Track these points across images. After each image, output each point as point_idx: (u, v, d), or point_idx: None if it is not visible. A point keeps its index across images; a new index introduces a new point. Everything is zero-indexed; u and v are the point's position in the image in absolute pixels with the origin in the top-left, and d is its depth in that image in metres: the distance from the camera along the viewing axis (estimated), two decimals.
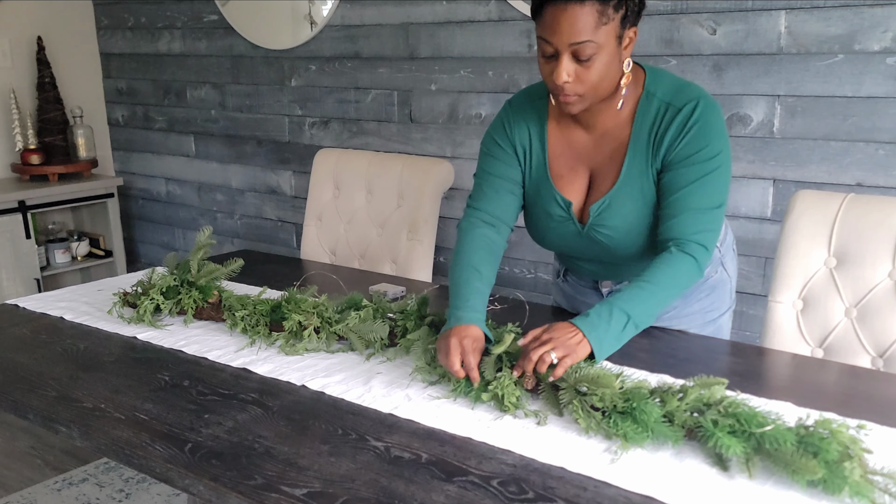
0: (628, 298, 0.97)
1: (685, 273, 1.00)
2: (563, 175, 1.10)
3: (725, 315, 1.24)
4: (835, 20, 1.55)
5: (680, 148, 1.01)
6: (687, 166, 1.01)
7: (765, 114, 1.66)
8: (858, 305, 1.16)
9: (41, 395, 0.98)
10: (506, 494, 0.74)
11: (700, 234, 1.01)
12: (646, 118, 1.04)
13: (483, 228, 1.11)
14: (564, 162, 1.10)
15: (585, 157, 1.09)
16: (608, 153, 1.07)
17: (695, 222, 1.01)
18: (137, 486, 1.91)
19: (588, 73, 0.96)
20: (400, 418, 0.90)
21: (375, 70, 2.26)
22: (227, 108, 2.67)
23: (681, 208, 1.01)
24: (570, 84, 0.97)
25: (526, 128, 1.11)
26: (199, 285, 1.24)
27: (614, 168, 1.06)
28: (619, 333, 0.95)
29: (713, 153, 1.01)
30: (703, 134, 1.00)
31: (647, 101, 1.04)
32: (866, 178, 1.57)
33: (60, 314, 1.29)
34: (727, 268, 1.22)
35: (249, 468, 0.79)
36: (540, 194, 1.12)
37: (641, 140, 1.04)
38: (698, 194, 1.01)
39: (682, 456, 0.81)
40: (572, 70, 0.96)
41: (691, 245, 1.00)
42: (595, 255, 1.14)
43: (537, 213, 1.13)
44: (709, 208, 1.01)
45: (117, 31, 2.92)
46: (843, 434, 0.75)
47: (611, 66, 0.97)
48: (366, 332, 1.08)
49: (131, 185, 3.08)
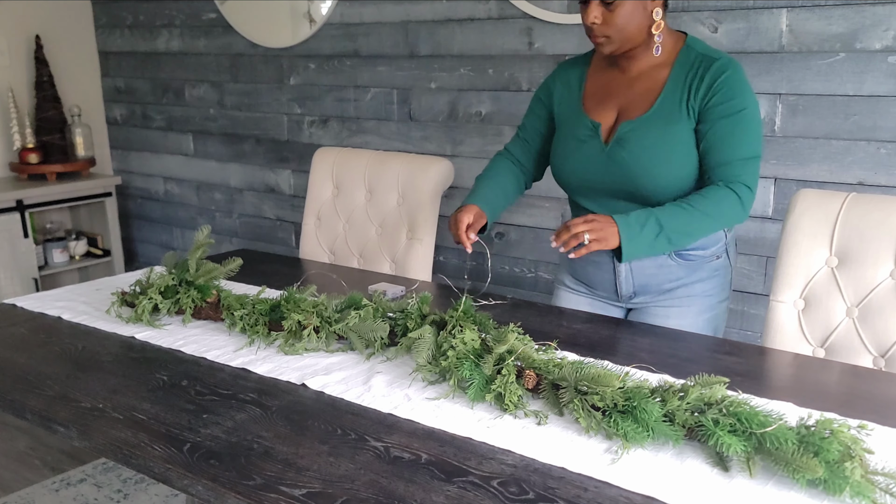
0: (667, 212, 1.10)
1: (728, 205, 1.12)
2: (594, 108, 1.25)
3: (724, 304, 1.30)
4: (836, 18, 1.55)
5: (712, 99, 1.13)
6: (722, 118, 1.13)
7: (766, 112, 1.66)
8: (860, 305, 1.16)
9: (39, 395, 0.98)
10: (506, 495, 0.74)
11: (744, 176, 1.13)
12: (684, 65, 1.17)
13: (507, 161, 1.36)
14: (597, 98, 1.25)
15: (617, 93, 1.23)
16: (641, 91, 1.21)
17: (737, 167, 1.13)
18: (136, 487, 1.90)
19: (613, 17, 1.13)
20: (400, 418, 0.90)
21: (375, 68, 2.25)
22: (225, 107, 2.66)
23: (722, 157, 1.13)
24: (598, 26, 1.14)
25: (566, 77, 1.30)
26: (197, 285, 1.23)
27: (647, 101, 1.19)
28: (652, 241, 1.08)
29: (741, 107, 1.13)
30: (732, 89, 1.13)
31: (687, 52, 1.18)
32: (868, 177, 1.57)
33: (58, 314, 1.28)
34: (730, 257, 1.29)
35: (248, 468, 0.79)
36: (570, 122, 1.27)
37: (679, 82, 1.17)
38: (737, 145, 1.13)
39: (683, 456, 0.81)
40: (599, 13, 1.13)
41: (737, 184, 1.12)
42: (611, 184, 1.22)
43: (565, 138, 1.27)
44: (750, 157, 1.14)
45: (115, 30, 2.91)
46: (844, 434, 0.75)
47: (635, 12, 1.13)
48: (365, 332, 1.08)
49: (129, 184, 3.07)
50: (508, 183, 1.33)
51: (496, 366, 0.93)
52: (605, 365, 0.94)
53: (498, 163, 1.37)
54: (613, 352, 1.08)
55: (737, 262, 1.35)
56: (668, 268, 1.23)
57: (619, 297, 1.29)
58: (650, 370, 0.99)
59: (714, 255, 1.25)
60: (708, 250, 1.24)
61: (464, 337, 0.97)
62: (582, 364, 0.91)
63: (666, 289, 1.25)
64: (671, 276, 1.24)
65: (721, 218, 1.12)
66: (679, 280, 1.24)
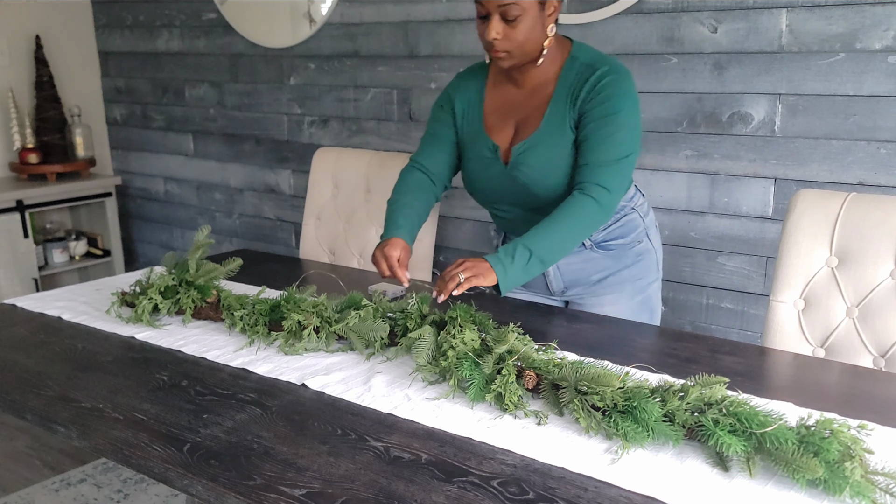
0: (532, 236, 1.13)
1: (586, 212, 1.15)
2: (494, 126, 1.28)
3: (654, 285, 1.36)
4: (836, 18, 1.55)
5: (590, 102, 1.17)
6: (594, 120, 1.17)
7: (766, 112, 1.66)
8: (860, 305, 1.16)
9: (39, 396, 0.98)
10: (506, 495, 0.74)
11: (602, 178, 1.15)
12: (568, 76, 1.21)
13: (417, 173, 1.33)
14: (497, 115, 1.28)
15: (515, 110, 1.26)
16: (534, 106, 1.24)
17: (597, 170, 1.16)
18: (136, 487, 1.90)
19: (514, 33, 1.14)
20: (400, 418, 0.90)
21: (375, 68, 2.25)
22: (225, 107, 2.66)
23: (585, 159, 1.18)
24: (499, 41, 1.15)
25: (466, 92, 1.31)
26: (197, 285, 1.23)
27: (538, 118, 1.23)
28: (525, 266, 1.11)
29: (614, 110, 1.16)
30: (610, 93, 1.16)
31: (571, 63, 1.22)
32: (868, 177, 1.57)
33: (58, 314, 1.28)
34: (651, 240, 1.35)
35: (248, 468, 0.79)
36: (474, 143, 1.29)
37: (563, 94, 1.21)
38: (601, 147, 1.16)
39: (683, 456, 0.81)
40: (501, 29, 1.14)
41: (592, 187, 1.15)
42: (518, 196, 1.27)
43: (471, 159, 1.31)
44: (610, 161, 1.16)
45: (115, 30, 2.91)
46: (844, 434, 0.74)
47: (534, 28, 1.15)
48: (366, 332, 1.08)
49: (129, 185, 3.07)
50: (422, 205, 1.30)
51: (496, 366, 0.93)
52: (604, 365, 0.94)
53: (409, 182, 1.32)
54: (613, 352, 1.08)
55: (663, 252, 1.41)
56: (593, 260, 1.30)
57: (552, 294, 1.36)
58: (650, 370, 0.99)
59: (635, 240, 1.31)
60: (627, 238, 1.30)
61: (464, 337, 0.97)
62: (582, 364, 0.91)
63: (595, 280, 1.31)
64: (598, 268, 1.30)
65: (584, 226, 1.16)
66: (606, 269, 1.30)
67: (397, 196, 1.31)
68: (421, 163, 1.34)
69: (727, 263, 1.77)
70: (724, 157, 1.72)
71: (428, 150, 1.34)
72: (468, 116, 1.30)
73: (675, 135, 1.78)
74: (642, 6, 1.76)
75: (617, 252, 1.29)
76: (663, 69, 1.76)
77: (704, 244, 1.79)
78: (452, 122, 1.32)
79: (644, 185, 1.85)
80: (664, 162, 1.81)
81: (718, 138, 1.72)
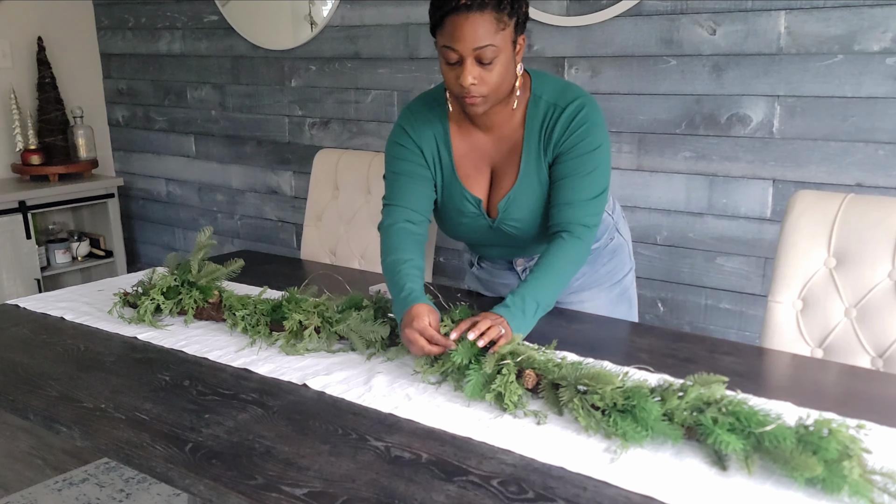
0: (536, 287, 1.09)
1: (577, 254, 1.14)
2: (470, 174, 1.20)
3: (628, 276, 1.36)
4: (834, 20, 1.55)
5: (566, 142, 1.13)
6: (573, 159, 1.13)
7: (764, 114, 1.66)
8: (858, 305, 1.16)
9: (42, 396, 0.98)
10: (506, 494, 0.74)
11: (586, 218, 1.14)
12: (535, 119, 1.14)
13: (403, 223, 1.18)
14: (470, 162, 1.19)
15: (487, 156, 1.19)
16: (506, 152, 1.18)
17: (582, 210, 1.14)
18: (138, 486, 1.91)
19: (490, 75, 1.05)
20: (400, 418, 0.90)
21: (375, 70, 2.26)
22: (227, 109, 2.67)
23: (568, 198, 1.14)
24: (475, 86, 1.05)
25: (430, 133, 1.19)
26: (199, 285, 1.23)
27: (513, 165, 1.17)
28: (532, 317, 1.08)
29: (594, 146, 1.13)
30: (586, 130, 1.12)
31: (535, 104, 1.14)
32: (866, 179, 1.57)
33: (61, 314, 1.29)
34: (622, 233, 1.35)
35: (250, 468, 0.79)
36: (451, 194, 1.21)
37: (533, 138, 1.15)
38: (583, 186, 1.13)
39: (681, 456, 0.81)
40: (477, 73, 1.05)
41: (578, 228, 1.14)
42: (505, 243, 1.25)
43: (449, 210, 1.22)
44: (592, 197, 1.14)
45: (117, 32, 2.92)
46: (842, 433, 0.75)
47: (509, 68, 1.07)
48: (367, 332, 1.08)
49: (132, 186, 3.08)
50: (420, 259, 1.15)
51: (497, 365, 0.94)
52: (604, 365, 0.95)
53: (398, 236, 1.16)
54: (613, 352, 1.09)
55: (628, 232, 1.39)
56: None
57: None
58: (648, 370, 1.00)
59: (608, 239, 1.31)
60: (601, 240, 1.30)
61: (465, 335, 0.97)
62: (581, 364, 0.91)
63: (576, 286, 1.31)
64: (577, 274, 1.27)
65: (575, 267, 1.14)
66: (584, 274, 1.30)
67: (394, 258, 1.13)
68: (401, 205, 1.18)
69: (726, 264, 1.77)
70: (723, 159, 1.73)
71: (403, 188, 1.18)
72: (439, 163, 1.19)
73: (674, 136, 1.78)
74: (641, 8, 1.76)
75: (592, 256, 1.28)
76: (662, 71, 1.76)
77: (703, 245, 1.80)
78: (424, 162, 1.18)
79: (643, 186, 1.86)
80: (663, 163, 1.81)
81: (717, 140, 1.73)
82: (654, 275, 1.87)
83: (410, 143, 1.19)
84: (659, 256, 1.86)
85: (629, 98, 1.82)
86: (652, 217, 1.85)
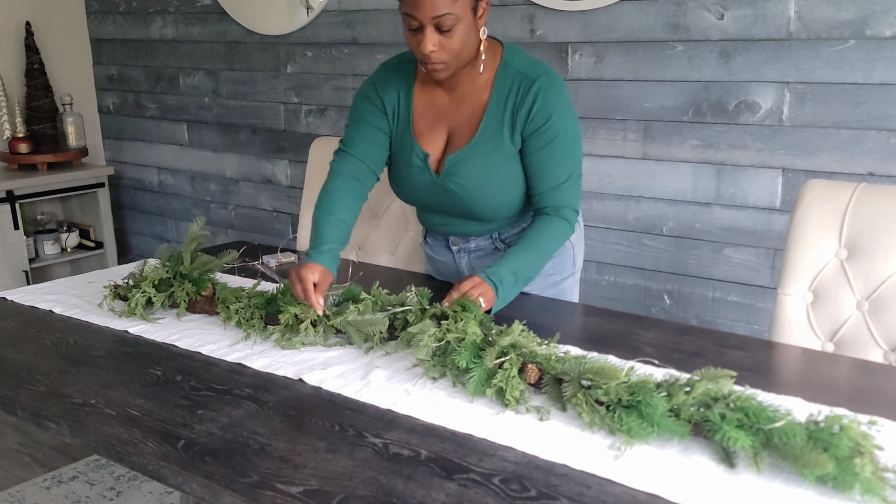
0: (515, 259, 1.15)
1: (560, 232, 1.20)
2: (424, 132, 1.23)
3: (569, 280, 1.37)
4: (846, 5, 1.52)
5: (535, 122, 1.16)
6: (545, 145, 1.17)
7: (774, 101, 1.63)
8: (870, 298, 1.15)
9: (30, 391, 0.96)
10: (508, 492, 0.72)
11: (568, 199, 1.20)
12: (504, 84, 1.18)
13: (349, 178, 1.24)
14: (426, 120, 1.23)
15: (446, 116, 1.23)
16: (467, 114, 1.21)
17: (563, 192, 1.20)
18: (129, 484, 1.89)
19: (450, 42, 1.10)
20: (399, 414, 0.88)
21: (373, 56, 2.22)
22: (220, 96, 2.62)
23: (548, 183, 1.19)
24: (435, 53, 1.10)
25: (395, 89, 1.25)
26: (192, 278, 1.21)
27: (471, 127, 1.20)
28: (512, 287, 1.14)
29: (561, 127, 1.16)
30: (555, 109, 1.15)
31: (505, 70, 1.18)
32: (878, 167, 1.55)
33: (49, 307, 1.26)
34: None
35: (244, 465, 0.78)
36: (403, 148, 1.25)
37: (499, 104, 1.18)
38: (560, 169, 1.19)
39: (688, 452, 0.79)
40: (436, 40, 1.09)
41: (565, 210, 1.20)
42: (448, 207, 1.26)
43: (399, 164, 1.27)
44: (570, 178, 1.20)
45: (108, 17, 2.87)
46: (854, 430, 0.73)
47: (469, 34, 1.11)
48: (364, 326, 1.06)
49: (122, 175, 3.04)
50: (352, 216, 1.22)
51: (498, 359, 0.91)
52: (608, 360, 0.92)
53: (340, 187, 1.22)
54: (617, 346, 1.07)
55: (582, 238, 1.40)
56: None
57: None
58: (654, 364, 0.97)
59: None
60: None
61: (466, 327, 0.95)
62: (585, 358, 0.89)
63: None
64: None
65: (557, 244, 1.22)
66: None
67: (328, 205, 1.19)
68: (354, 154, 1.24)
69: (734, 256, 1.75)
70: (731, 147, 1.70)
71: (360, 141, 1.24)
72: (397, 117, 1.25)
73: (681, 124, 1.76)
74: None
75: None
76: (668, 57, 1.73)
77: (710, 236, 1.77)
78: (384, 116, 1.25)
79: (649, 175, 1.83)
80: (669, 152, 1.79)
81: (725, 128, 1.70)
82: (661, 266, 1.85)
83: (375, 96, 1.25)
84: (665, 248, 1.84)
85: (634, 85, 1.79)
86: (658, 207, 1.83)
